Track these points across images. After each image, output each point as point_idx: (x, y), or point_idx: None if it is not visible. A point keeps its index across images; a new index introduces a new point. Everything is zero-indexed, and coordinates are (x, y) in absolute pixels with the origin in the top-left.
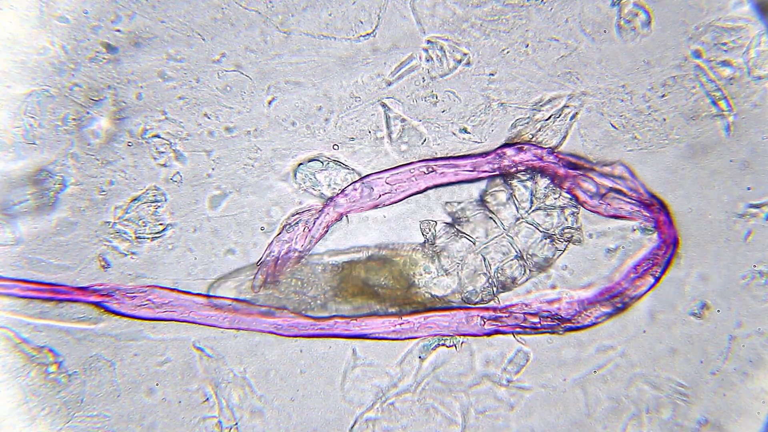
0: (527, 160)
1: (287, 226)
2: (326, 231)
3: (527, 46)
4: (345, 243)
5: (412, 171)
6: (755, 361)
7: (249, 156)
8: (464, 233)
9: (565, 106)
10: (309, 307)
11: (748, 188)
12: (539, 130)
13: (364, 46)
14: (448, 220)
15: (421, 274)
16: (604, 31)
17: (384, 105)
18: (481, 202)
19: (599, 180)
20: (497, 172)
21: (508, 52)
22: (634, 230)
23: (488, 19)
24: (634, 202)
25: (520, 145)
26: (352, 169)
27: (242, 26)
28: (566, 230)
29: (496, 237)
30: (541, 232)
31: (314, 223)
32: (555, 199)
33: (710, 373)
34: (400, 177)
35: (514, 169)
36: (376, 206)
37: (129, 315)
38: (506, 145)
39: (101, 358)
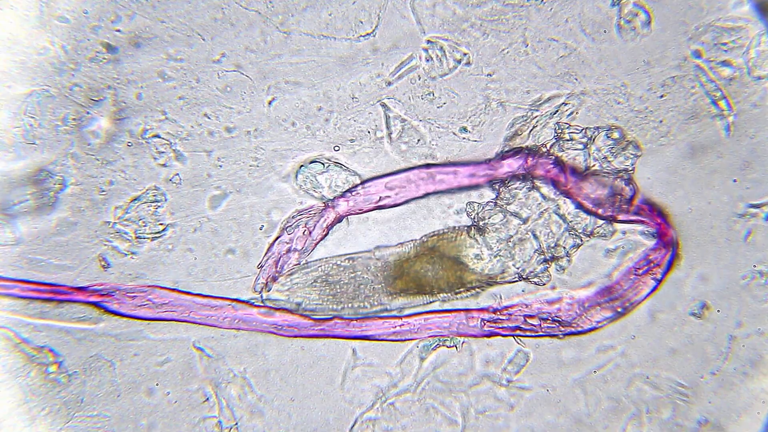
0: (528, 167)
1: (287, 228)
2: (327, 233)
3: (527, 45)
4: (345, 243)
5: (411, 177)
6: (755, 361)
7: (250, 156)
8: (511, 211)
9: (563, 104)
10: (364, 307)
11: (747, 188)
12: (535, 128)
13: (364, 46)
14: (492, 198)
15: (472, 257)
16: (604, 31)
17: (384, 105)
18: (525, 176)
19: (597, 186)
20: (497, 178)
21: (507, 52)
22: (634, 232)
23: (488, 19)
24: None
25: (521, 152)
26: (354, 171)
27: (242, 26)
28: (617, 198)
29: (543, 211)
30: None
31: (314, 226)
32: (615, 159)
33: (710, 373)
34: (401, 181)
35: (512, 175)
36: (376, 209)
37: (129, 315)
38: (507, 152)
39: (101, 358)
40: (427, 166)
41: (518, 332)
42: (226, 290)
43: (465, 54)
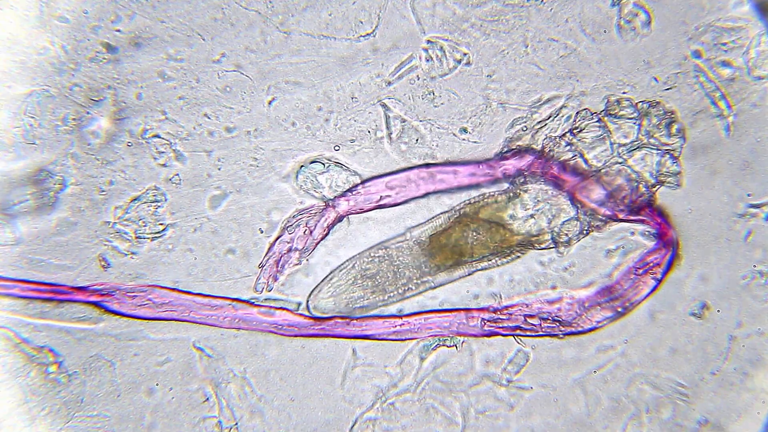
0: (529, 166)
1: (288, 227)
2: (327, 232)
3: (527, 46)
4: (346, 243)
5: (412, 176)
6: (755, 361)
7: (250, 156)
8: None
9: (563, 107)
10: (408, 289)
11: (748, 194)
12: (538, 131)
13: (364, 46)
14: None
15: (509, 218)
16: (604, 31)
17: (384, 105)
18: (571, 137)
19: (598, 188)
20: (497, 177)
21: (507, 52)
22: (634, 233)
23: (488, 19)
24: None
25: (521, 152)
26: (354, 171)
27: (242, 26)
28: (662, 174)
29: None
30: (636, 173)
31: (315, 225)
32: (661, 135)
33: (710, 373)
34: (401, 181)
35: (515, 175)
36: (377, 208)
37: (129, 315)
38: (507, 152)
39: (101, 358)
40: (428, 165)
41: (518, 332)
42: (226, 290)
43: (465, 54)
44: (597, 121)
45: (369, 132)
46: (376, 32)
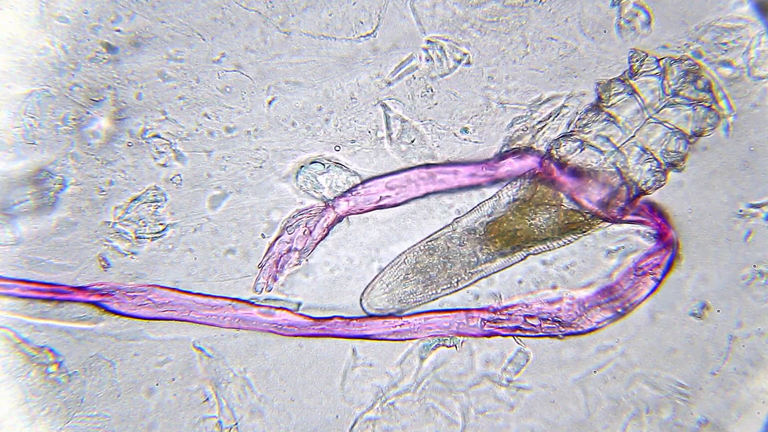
0: (528, 167)
1: (288, 227)
2: (327, 233)
3: (527, 46)
4: (346, 242)
5: (412, 176)
6: (755, 361)
7: (251, 156)
8: (613, 120)
9: (563, 106)
10: (461, 279)
11: (748, 205)
12: (538, 131)
13: (364, 47)
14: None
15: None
16: (604, 31)
17: (384, 105)
18: (599, 108)
19: (598, 187)
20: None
21: (507, 52)
22: (638, 232)
23: (488, 20)
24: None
25: (520, 152)
26: (354, 172)
27: (242, 26)
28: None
29: (642, 123)
30: (672, 128)
31: (315, 225)
32: (689, 91)
33: (710, 373)
34: (401, 181)
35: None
36: (376, 209)
37: (129, 315)
38: (507, 152)
39: (101, 358)
40: (428, 166)
41: (518, 332)
42: (226, 290)
43: (465, 54)
44: (621, 83)
45: (369, 132)
46: (377, 32)
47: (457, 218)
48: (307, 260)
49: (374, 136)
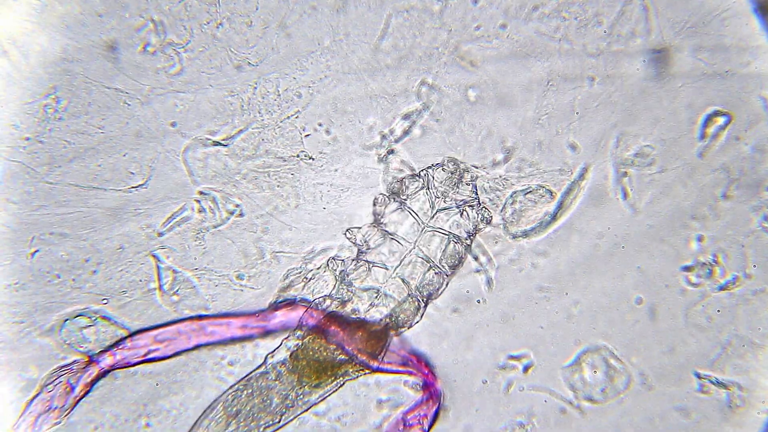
0: (298, 317)
1: (47, 385)
2: (90, 389)
3: (298, 197)
4: (111, 398)
5: (182, 328)
6: None
7: (10, 311)
8: (374, 263)
9: (336, 257)
10: (287, 411)
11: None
12: (310, 280)
13: (134, 197)
14: (353, 252)
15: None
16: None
17: (155, 256)
18: (378, 224)
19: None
20: (269, 330)
21: (279, 204)
22: (405, 383)
23: (260, 172)
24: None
25: (291, 303)
26: (122, 324)
27: (4, 178)
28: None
29: (405, 255)
30: (447, 234)
31: (77, 382)
32: (455, 192)
33: None
34: (171, 333)
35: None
36: (145, 362)
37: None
38: (280, 303)
39: None
40: (200, 317)
41: None
42: None
43: (237, 206)
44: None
45: (140, 282)
46: (148, 183)
47: (270, 353)
48: (67, 418)
49: (145, 287)
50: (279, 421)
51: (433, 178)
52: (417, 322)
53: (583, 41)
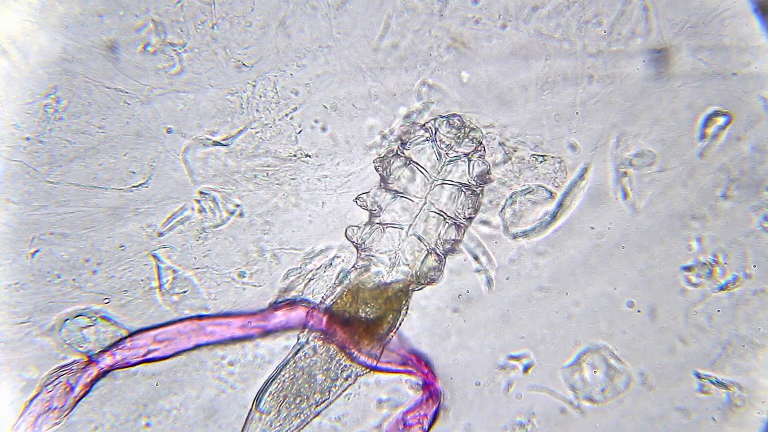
0: (299, 318)
1: (47, 385)
2: (89, 389)
3: (299, 197)
4: (111, 398)
5: (182, 328)
6: None
7: (10, 311)
8: (388, 223)
9: (336, 257)
10: (327, 397)
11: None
12: (311, 280)
13: (135, 197)
14: (366, 218)
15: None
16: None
17: (155, 256)
18: (386, 184)
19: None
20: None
21: (279, 206)
22: (406, 383)
23: (260, 171)
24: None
25: (292, 303)
26: (122, 324)
27: (4, 177)
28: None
29: (417, 211)
30: (456, 184)
31: (77, 382)
32: (459, 146)
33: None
34: (170, 334)
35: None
36: (144, 362)
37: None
38: (281, 302)
39: None
40: (200, 317)
41: None
42: None
43: (237, 206)
44: (398, 157)
45: (142, 281)
46: (149, 183)
47: (299, 335)
48: (67, 418)
49: (146, 286)
50: (328, 397)
51: (438, 130)
52: (440, 276)
53: (583, 41)
